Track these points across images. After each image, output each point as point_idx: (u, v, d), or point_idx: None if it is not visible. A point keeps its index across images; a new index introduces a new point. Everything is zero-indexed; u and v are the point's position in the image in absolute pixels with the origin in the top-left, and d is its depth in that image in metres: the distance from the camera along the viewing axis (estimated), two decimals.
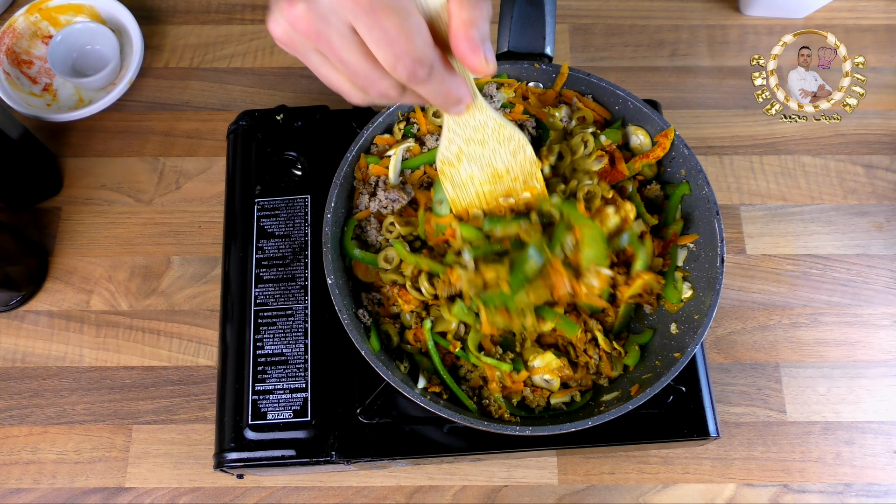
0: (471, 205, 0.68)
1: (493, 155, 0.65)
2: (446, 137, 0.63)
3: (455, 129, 0.62)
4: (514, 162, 0.65)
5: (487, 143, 0.63)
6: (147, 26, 1.07)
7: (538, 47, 0.76)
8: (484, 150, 0.64)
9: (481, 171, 0.66)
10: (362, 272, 0.73)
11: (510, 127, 0.63)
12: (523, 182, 0.67)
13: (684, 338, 0.68)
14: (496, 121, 0.61)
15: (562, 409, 0.71)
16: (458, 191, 0.67)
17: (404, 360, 0.71)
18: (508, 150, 0.64)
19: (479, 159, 0.65)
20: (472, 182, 0.66)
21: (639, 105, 0.75)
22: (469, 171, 0.65)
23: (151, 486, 0.85)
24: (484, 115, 0.61)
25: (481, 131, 0.62)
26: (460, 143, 0.63)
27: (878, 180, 0.99)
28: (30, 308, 0.92)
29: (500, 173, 0.66)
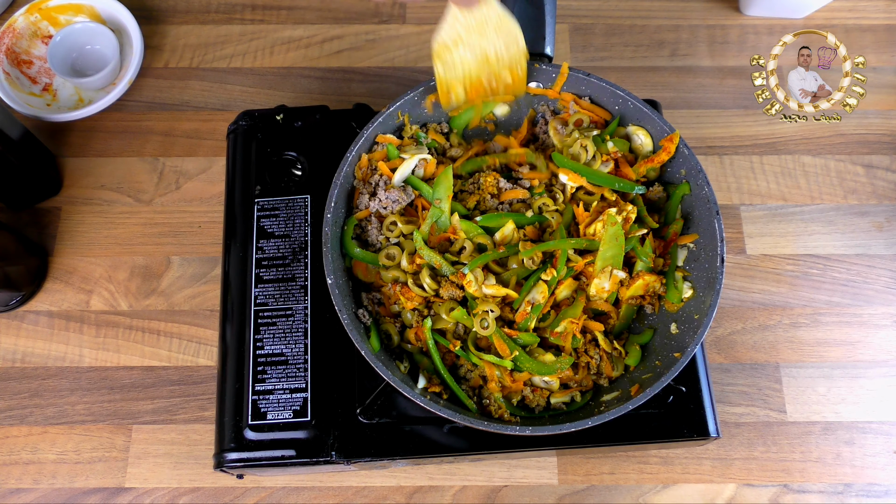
0: (455, 82, 0.73)
1: (489, 44, 0.70)
2: (448, 23, 0.67)
3: (458, 17, 0.67)
4: (506, 53, 0.71)
5: (487, 33, 0.69)
6: (147, 26, 1.07)
7: (538, 47, 0.76)
8: (482, 39, 0.69)
9: (472, 54, 0.71)
10: (362, 272, 0.73)
11: (510, 20, 0.68)
12: (508, 68, 0.73)
13: (684, 338, 0.68)
14: (499, 13, 0.67)
15: (562, 408, 0.71)
16: (447, 70, 0.72)
17: (404, 359, 0.71)
18: (504, 41, 0.70)
19: (474, 47, 0.70)
20: (462, 64, 0.72)
21: (639, 105, 0.75)
22: (462, 54, 0.70)
23: (151, 486, 0.85)
24: (489, 9, 0.67)
25: (484, 23, 0.68)
26: (461, 29, 0.68)
27: (878, 180, 0.99)
28: (30, 308, 0.92)
29: (489, 59, 0.71)
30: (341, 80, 1.05)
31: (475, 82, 0.74)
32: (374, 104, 0.87)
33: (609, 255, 0.69)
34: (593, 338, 0.72)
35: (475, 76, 0.73)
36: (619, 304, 0.73)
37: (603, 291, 0.71)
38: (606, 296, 0.72)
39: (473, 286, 0.69)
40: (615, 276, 0.70)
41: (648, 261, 0.71)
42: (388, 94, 1.03)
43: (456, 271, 0.70)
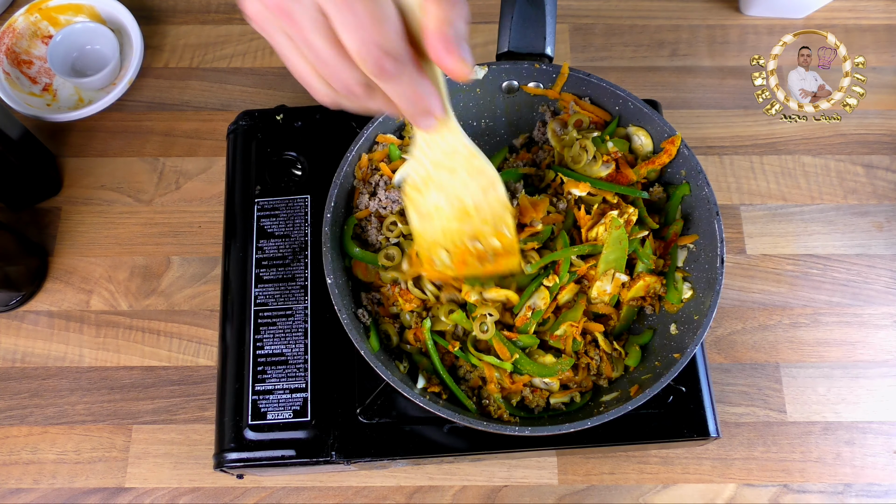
0: (435, 242, 0.63)
1: (463, 188, 0.59)
2: (415, 157, 0.58)
3: (424, 150, 0.57)
4: (484, 201, 0.60)
5: (457, 172, 0.58)
6: (147, 26, 1.07)
7: (538, 47, 0.76)
8: (453, 179, 0.59)
9: (448, 203, 0.61)
10: (362, 272, 0.73)
11: (483, 159, 0.58)
12: (493, 226, 0.62)
13: (684, 338, 0.68)
14: (468, 148, 0.56)
15: (561, 409, 0.71)
16: (423, 222, 0.62)
17: (403, 359, 0.71)
18: (479, 184, 0.59)
19: (446, 189, 0.59)
20: (438, 215, 0.61)
21: (639, 105, 0.75)
22: (436, 200, 0.60)
23: (151, 486, 0.85)
24: (455, 140, 0.55)
25: (451, 157, 0.57)
26: (428, 165, 0.58)
27: (878, 180, 0.99)
28: (30, 308, 0.92)
29: (468, 210, 0.61)
30: None
31: (458, 245, 0.63)
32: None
33: (612, 258, 0.69)
34: (593, 339, 0.72)
35: (456, 236, 0.62)
36: (619, 306, 0.73)
37: (604, 294, 0.71)
38: (608, 298, 0.72)
39: (473, 296, 0.68)
40: (617, 279, 0.70)
41: (650, 262, 0.71)
42: None
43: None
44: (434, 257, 0.64)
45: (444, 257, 0.64)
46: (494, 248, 0.64)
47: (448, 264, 0.65)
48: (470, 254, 0.64)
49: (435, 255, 0.64)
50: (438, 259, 0.64)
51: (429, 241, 0.64)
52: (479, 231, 0.62)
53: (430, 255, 0.65)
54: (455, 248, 0.63)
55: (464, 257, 0.64)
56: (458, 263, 0.64)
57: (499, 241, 0.63)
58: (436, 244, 0.63)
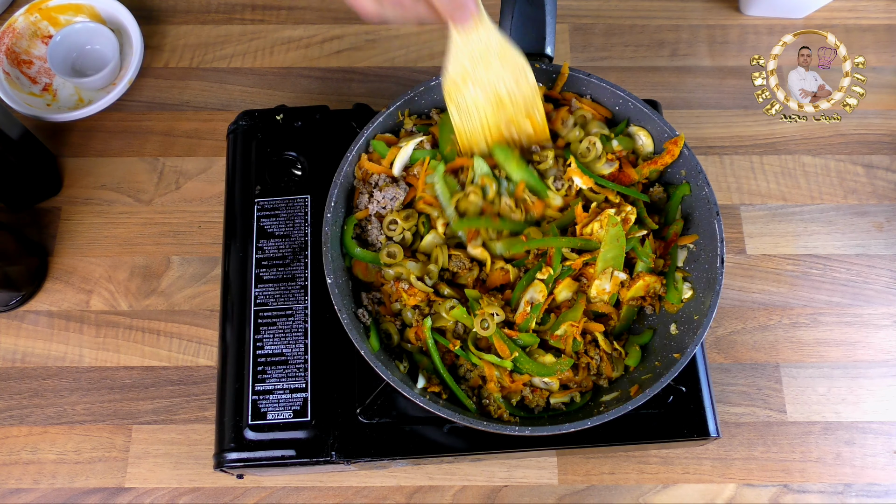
0: (474, 133, 0.69)
1: (497, 79, 0.66)
2: (452, 55, 0.64)
3: (460, 47, 0.64)
4: (517, 88, 0.67)
5: (491, 64, 0.65)
6: (147, 26, 1.07)
7: (539, 47, 0.76)
8: (488, 72, 0.66)
9: (485, 95, 0.67)
10: (362, 271, 0.73)
11: (513, 49, 0.65)
12: (525, 111, 0.69)
13: (684, 338, 0.68)
14: (500, 40, 0.64)
15: (561, 409, 0.71)
16: (463, 117, 0.69)
17: (404, 359, 0.71)
18: (511, 73, 0.66)
19: (482, 82, 0.66)
20: (476, 108, 0.68)
21: (639, 106, 0.75)
22: (474, 94, 0.67)
23: (151, 486, 0.85)
24: (488, 33, 0.63)
25: (485, 51, 0.64)
26: (465, 61, 0.65)
27: (878, 180, 0.99)
28: (30, 308, 0.92)
29: (502, 99, 0.68)
30: (341, 80, 1.05)
31: (494, 132, 0.71)
32: (374, 104, 0.87)
33: (610, 256, 0.69)
34: (593, 338, 0.72)
35: (493, 123, 0.70)
36: (619, 306, 0.73)
37: (604, 293, 0.71)
38: (607, 297, 0.71)
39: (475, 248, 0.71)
40: (616, 278, 0.70)
41: (649, 261, 0.71)
42: (388, 94, 1.03)
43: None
44: (473, 146, 0.71)
45: (482, 145, 0.71)
46: (527, 132, 0.71)
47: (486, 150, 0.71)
48: (505, 140, 0.71)
49: (474, 144, 0.71)
50: (477, 148, 0.71)
51: (469, 133, 0.70)
52: (513, 117, 0.70)
53: (468, 143, 0.71)
54: (492, 137, 0.70)
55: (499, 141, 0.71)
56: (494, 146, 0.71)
57: (531, 126, 0.71)
58: (474, 133, 0.70)
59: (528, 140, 0.72)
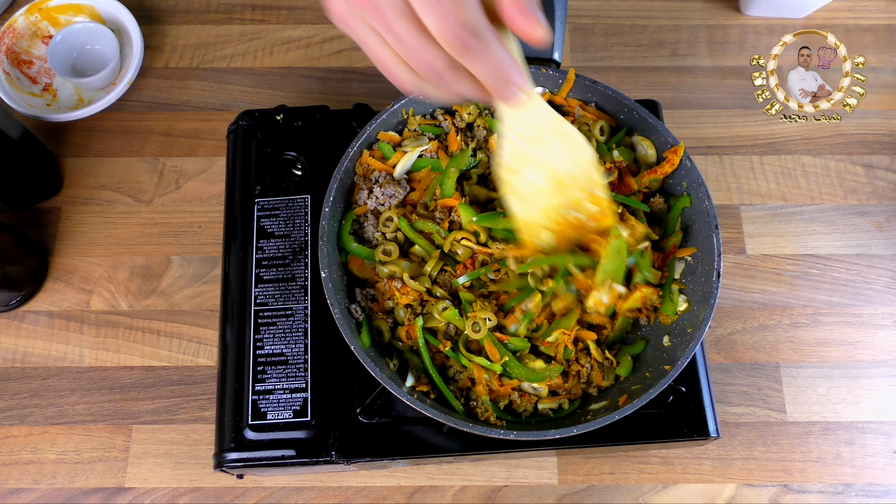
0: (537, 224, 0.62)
1: (555, 158, 0.59)
2: (505, 137, 0.57)
3: (513, 128, 0.56)
4: (575, 166, 0.60)
5: (547, 142, 0.58)
6: (147, 26, 1.07)
7: (545, 52, 0.76)
8: (545, 150, 0.58)
9: (544, 178, 0.60)
10: (358, 267, 0.73)
11: (567, 123, 0.58)
12: (588, 191, 0.62)
13: (676, 350, 0.68)
14: (552, 115, 0.57)
15: (549, 415, 0.71)
16: (524, 205, 0.61)
17: (394, 357, 0.71)
18: (567, 150, 0.59)
19: (540, 163, 0.59)
20: (537, 193, 0.61)
21: (643, 115, 0.74)
22: (532, 178, 0.60)
23: (151, 486, 0.85)
24: (540, 108, 0.56)
25: (539, 128, 0.57)
26: (520, 143, 0.57)
27: (878, 180, 0.99)
28: (30, 308, 0.92)
29: (563, 180, 0.60)
30: (341, 80, 1.05)
31: (558, 221, 0.62)
32: (374, 104, 0.87)
33: (610, 268, 0.67)
34: (585, 346, 0.71)
35: (555, 211, 0.62)
36: (614, 316, 0.73)
37: (601, 304, 0.70)
38: (603, 309, 0.71)
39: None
40: (614, 290, 0.69)
41: (650, 275, 0.70)
42: (387, 94, 1.03)
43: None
44: (536, 240, 0.64)
45: (546, 237, 0.64)
46: (592, 213, 0.64)
47: (551, 242, 0.65)
48: (570, 226, 0.64)
49: (537, 237, 0.64)
50: (541, 241, 0.65)
51: (531, 224, 0.63)
52: (576, 199, 0.62)
53: (532, 239, 0.65)
54: (556, 224, 0.64)
55: (564, 232, 0.64)
56: (559, 240, 0.65)
57: (595, 205, 0.63)
58: (538, 225, 0.63)
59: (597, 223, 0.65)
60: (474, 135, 0.77)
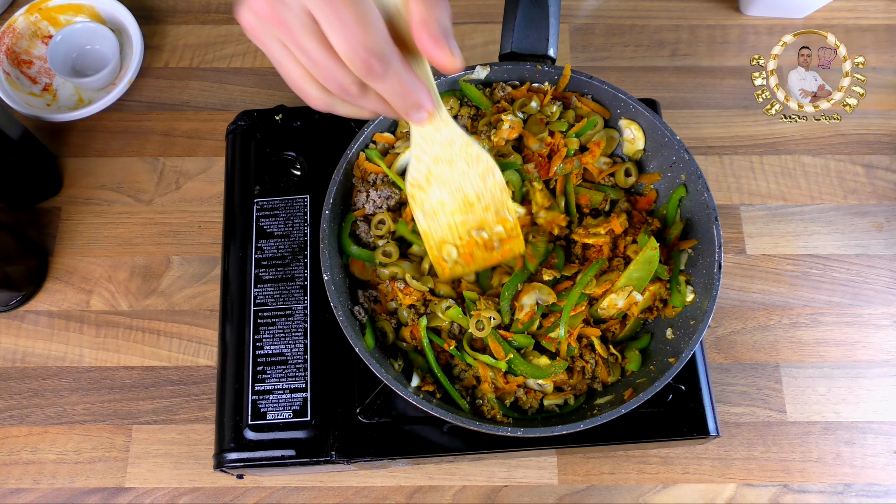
0: (443, 240, 0.65)
1: (463, 178, 0.61)
2: (414, 155, 0.60)
3: (422, 146, 0.59)
4: (484, 187, 0.62)
5: (456, 163, 0.60)
6: (147, 26, 1.07)
7: (541, 49, 0.76)
8: (453, 171, 0.61)
9: (451, 196, 0.62)
10: (359, 269, 0.73)
11: (477, 146, 0.60)
12: (495, 212, 0.64)
13: (679, 343, 0.68)
14: (463, 138, 0.59)
15: (554, 411, 0.71)
16: (429, 221, 0.64)
17: (399, 358, 0.71)
18: (477, 172, 0.61)
19: (448, 182, 0.61)
20: (442, 210, 0.63)
21: (640, 108, 0.74)
22: (439, 196, 0.62)
23: (151, 486, 0.85)
24: (450, 131, 0.58)
25: (448, 149, 0.59)
26: (428, 161, 0.60)
27: (878, 180, 0.99)
28: (30, 308, 0.92)
29: (470, 200, 0.63)
30: None
31: (464, 238, 0.65)
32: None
33: (636, 276, 0.68)
34: (589, 342, 0.72)
35: (462, 229, 0.64)
36: (625, 317, 0.73)
37: (614, 308, 0.71)
38: (615, 312, 0.71)
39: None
40: (632, 297, 0.70)
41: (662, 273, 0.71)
42: None
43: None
44: (444, 255, 0.66)
45: (452, 254, 0.66)
46: (499, 234, 0.66)
47: (457, 259, 0.66)
48: (476, 245, 0.66)
49: (444, 252, 0.66)
50: (448, 256, 0.66)
51: (437, 239, 0.65)
52: (483, 220, 0.64)
53: (439, 254, 0.66)
54: (462, 241, 0.65)
55: (471, 250, 0.66)
56: (465, 257, 0.66)
57: (502, 227, 0.65)
58: (444, 242, 0.65)
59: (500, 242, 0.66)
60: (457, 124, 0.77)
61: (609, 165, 0.76)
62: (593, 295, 0.70)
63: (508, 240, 0.66)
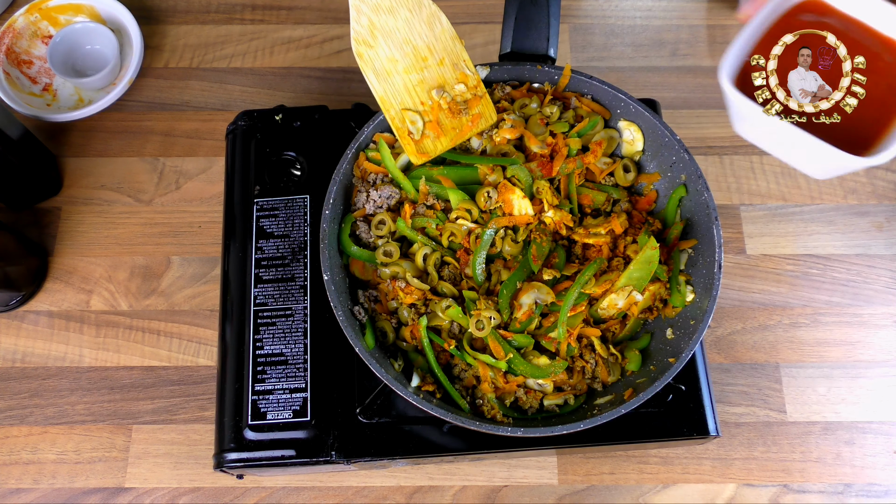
0: (403, 106, 0.62)
1: (408, 28, 0.59)
2: (353, 6, 0.57)
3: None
4: (434, 37, 0.60)
5: (397, 10, 0.58)
6: (147, 26, 1.07)
7: (541, 49, 0.76)
8: (396, 20, 0.59)
9: (401, 51, 0.60)
10: (359, 270, 0.73)
11: None
12: (451, 66, 0.62)
13: (679, 343, 0.68)
14: None
15: (554, 410, 0.71)
16: (383, 83, 0.61)
17: (399, 357, 0.71)
18: (422, 19, 0.59)
19: (393, 34, 0.59)
20: (395, 69, 0.60)
21: (640, 109, 0.75)
22: (388, 52, 0.60)
23: (151, 486, 0.85)
24: None
25: None
26: (368, 11, 0.58)
27: (878, 180, 0.99)
28: (30, 308, 0.92)
29: (422, 54, 0.61)
30: (341, 80, 1.05)
31: (425, 102, 0.62)
32: (373, 104, 0.86)
33: (636, 276, 0.68)
34: (589, 342, 0.72)
35: (420, 89, 0.62)
36: (625, 318, 0.73)
37: (614, 308, 0.71)
38: (615, 312, 0.71)
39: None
40: (632, 297, 0.70)
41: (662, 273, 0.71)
42: None
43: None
44: (408, 124, 0.63)
45: (417, 123, 0.63)
46: (461, 93, 0.63)
47: (424, 130, 0.64)
48: (441, 109, 0.63)
49: (408, 121, 0.63)
50: (413, 127, 0.63)
51: (396, 105, 0.62)
52: (441, 77, 0.62)
53: (402, 125, 0.63)
54: (424, 105, 0.63)
55: (436, 116, 0.63)
56: (433, 127, 0.64)
57: (464, 84, 0.63)
58: (404, 108, 0.63)
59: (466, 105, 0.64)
60: None
61: (609, 165, 0.76)
62: (593, 295, 0.70)
63: (475, 101, 0.64)
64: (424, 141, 0.64)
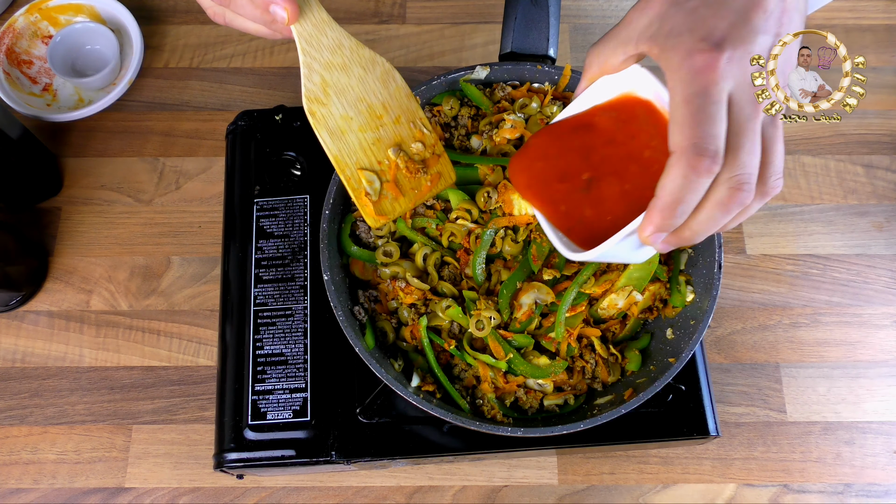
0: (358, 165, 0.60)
1: (362, 86, 0.58)
2: (304, 64, 0.55)
3: (311, 53, 0.55)
4: (389, 95, 0.59)
5: (351, 68, 0.57)
6: (147, 26, 1.07)
7: (541, 49, 0.76)
8: (350, 78, 0.57)
9: (355, 109, 0.58)
10: (359, 269, 0.73)
11: (368, 50, 0.57)
12: (408, 125, 0.60)
13: (679, 343, 0.68)
14: (351, 41, 0.56)
15: (555, 411, 0.71)
16: (336, 142, 0.59)
17: (399, 357, 0.71)
18: (376, 77, 0.58)
19: (347, 92, 0.57)
20: (349, 127, 0.58)
21: None
22: (342, 110, 0.58)
23: (151, 486, 0.85)
24: (335, 33, 0.55)
25: (339, 53, 0.56)
26: (320, 69, 0.56)
27: (878, 180, 0.99)
28: (30, 308, 0.92)
29: (377, 112, 0.59)
30: None
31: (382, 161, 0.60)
32: None
33: (636, 276, 0.68)
34: (589, 342, 0.72)
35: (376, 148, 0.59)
36: (625, 318, 0.73)
37: (614, 308, 0.71)
38: (615, 312, 0.71)
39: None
40: (632, 297, 0.70)
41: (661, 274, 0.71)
42: None
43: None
44: (364, 185, 0.60)
45: (375, 183, 0.61)
46: (419, 152, 0.62)
47: (382, 191, 0.61)
48: (398, 169, 0.61)
49: (365, 181, 0.60)
50: (370, 187, 0.61)
51: (351, 164, 0.60)
52: (398, 135, 0.61)
53: (358, 186, 0.60)
54: (381, 165, 0.61)
55: (394, 175, 0.61)
56: (391, 187, 0.62)
57: (422, 143, 0.62)
58: (359, 167, 0.60)
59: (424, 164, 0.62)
60: (457, 123, 0.77)
61: None
62: (593, 295, 0.70)
63: (433, 160, 0.62)
64: (383, 202, 0.62)
